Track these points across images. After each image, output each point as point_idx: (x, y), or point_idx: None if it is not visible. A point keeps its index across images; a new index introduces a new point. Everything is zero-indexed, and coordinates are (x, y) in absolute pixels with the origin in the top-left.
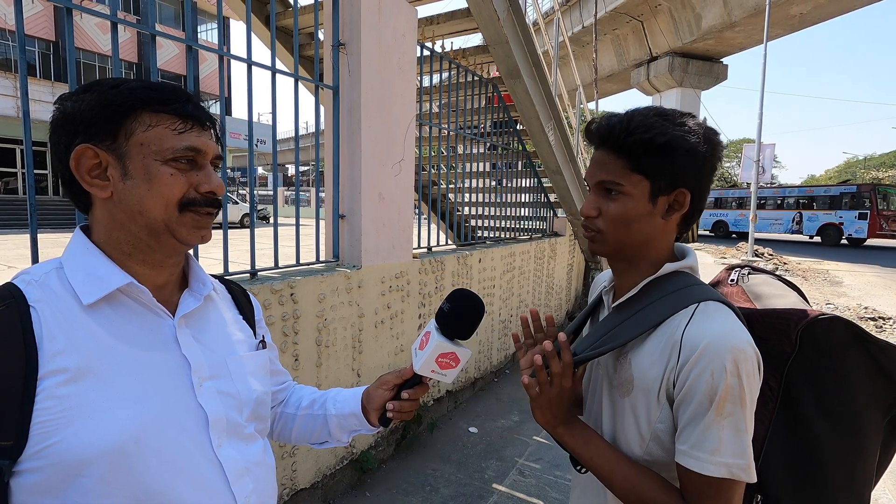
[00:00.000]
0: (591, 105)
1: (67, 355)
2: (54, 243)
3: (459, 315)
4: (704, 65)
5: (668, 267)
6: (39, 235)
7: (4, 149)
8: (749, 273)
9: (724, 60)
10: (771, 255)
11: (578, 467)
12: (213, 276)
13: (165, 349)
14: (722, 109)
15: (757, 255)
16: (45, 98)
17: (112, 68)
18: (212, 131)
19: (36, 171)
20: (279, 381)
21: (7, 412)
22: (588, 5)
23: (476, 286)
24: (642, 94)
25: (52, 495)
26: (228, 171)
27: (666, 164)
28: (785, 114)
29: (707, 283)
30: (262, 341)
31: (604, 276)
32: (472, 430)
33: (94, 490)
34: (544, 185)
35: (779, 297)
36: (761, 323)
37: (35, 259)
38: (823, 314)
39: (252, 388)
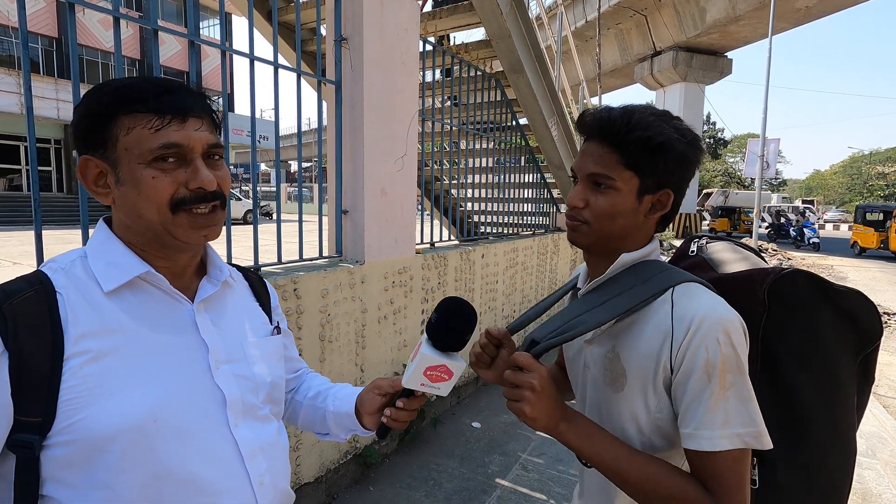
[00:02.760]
0: (595, 100)
1: (90, 338)
2: (58, 240)
3: (447, 326)
4: (709, 59)
5: (632, 256)
6: (44, 232)
7: (8, 146)
8: (707, 242)
9: (729, 55)
10: (775, 250)
11: (584, 461)
12: (230, 264)
13: (184, 333)
14: (726, 104)
15: (761, 251)
16: (48, 95)
17: (115, 65)
18: (202, 119)
19: (40, 168)
20: (293, 369)
21: (36, 391)
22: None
23: (479, 281)
24: (646, 88)
25: (78, 469)
26: (231, 167)
27: (658, 163)
28: (790, 108)
29: (672, 256)
30: (277, 327)
31: (577, 272)
32: (476, 425)
33: (117, 465)
34: (547, 180)
35: (740, 261)
36: (729, 288)
37: (39, 255)
38: (783, 269)
39: (267, 371)
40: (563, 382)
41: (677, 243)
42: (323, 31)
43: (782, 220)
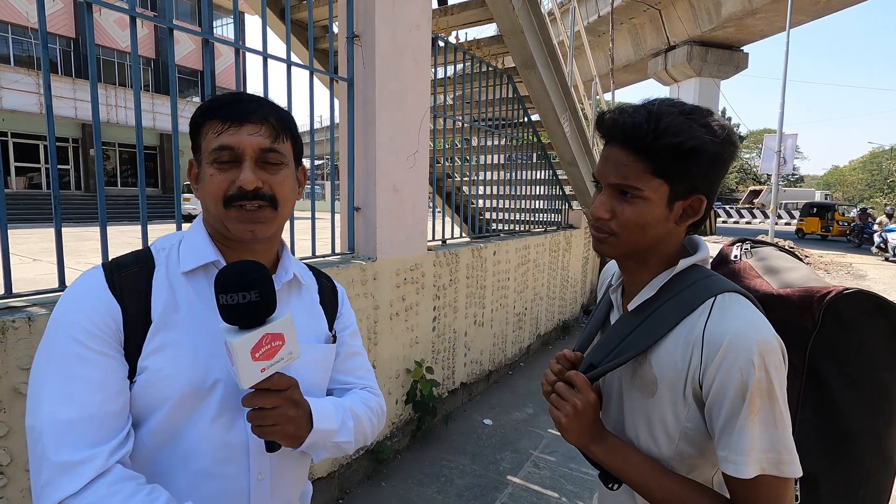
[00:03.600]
0: (608, 96)
1: (165, 310)
2: (77, 237)
3: (233, 301)
4: (724, 53)
5: (684, 263)
6: (63, 229)
7: (28, 144)
8: (751, 247)
9: (745, 48)
10: (792, 247)
11: (610, 484)
12: (308, 266)
13: None
14: (742, 99)
15: (778, 249)
16: (66, 94)
17: (131, 64)
18: (261, 126)
19: (58, 167)
20: (343, 382)
21: (130, 348)
22: None
23: (490, 278)
24: (659, 84)
25: (137, 413)
26: None
27: (690, 168)
28: (807, 103)
29: (712, 260)
30: (334, 337)
31: (609, 271)
32: (487, 422)
33: (158, 422)
34: (559, 176)
35: (792, 270)
36: (779, 305)
37: (59, 251)
38: (848, 289)
39: (304, 375)
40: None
41: None
42: (335, 29)
43: (869, 220)
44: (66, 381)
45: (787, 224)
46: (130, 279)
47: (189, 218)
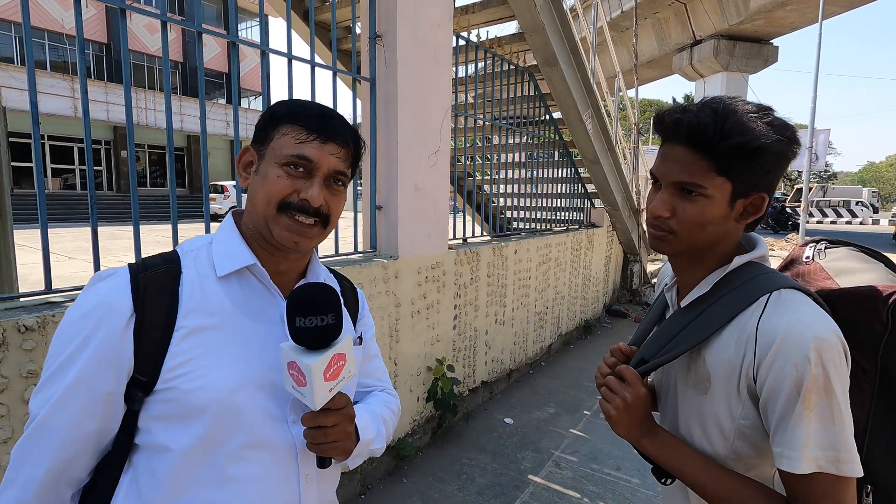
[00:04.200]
0: (631, 92)
1: (196, 314)
2: (109, 235)
3: (307, 323)
4: (752, 47)
5: (739, 259)
6: (103, 229)
7: (63, 147)
8: (826, 247)
9: (775, 41)
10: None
11: (663, 479)
12: (329, 268)
13: (273, 324)
14: (771, 93)
15: (857, 250)
16: (99, 98)
17: (160, 67)
18: (342, 149)
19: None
20: (364, 384)
21: (150, 353)
22: None
23: (511, 277)
24: (685, 79)
25: (168, 425)
26: None
27: (754, 167)
28: (841, 96)
29: (781, 262)
30: (360, 338)
31: (666, 272)
32: (508, 420)
33: (204, 433)
34: (581, 175)
35: (865, 272)
36: (846, 304)
37: (95, 250)
38: None
39: None
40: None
41: None
42: (357, 30)
43: None
44: (62, 414)
45: (847, 223)
46: (156, 280)
47: (215, 217)
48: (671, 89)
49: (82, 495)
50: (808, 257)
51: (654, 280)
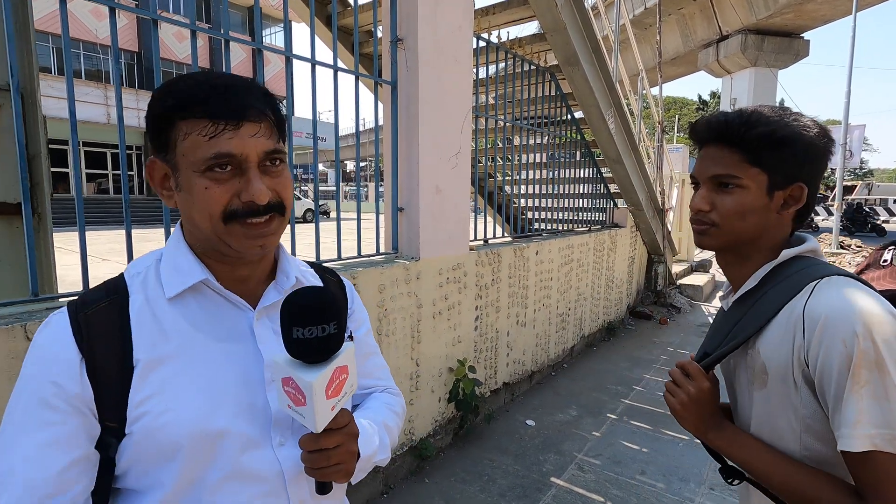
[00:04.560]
0: (655, 90)
1: (152, 345)
2: (140, 238)
3: (305, 336)
4: (782, 41)
5: (787, 253)
6: (134, 232)
7: (96, 153)
8: None
9: (805, 35)
10: (859, 247)
11: (730, 480)
12: (311, 264)
13: (241, 341)
14: (803, 89)
15: (842, 248)
16: (129, 105)
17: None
18: (260, 124)
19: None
20: (363, 385)
21: (111, 396)
22: None
23: (533, 278)
24: (711, 76)
25: (146, 466)
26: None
27: (786, 157)
28: (877, 90)
29: (857, 266)
30: (351, 336)
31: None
32: (530, 422)
33: (181, 470)
34: (604, 174)
35: None
36: None
37: (129, 252)
38: None
39: None
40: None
41: None
42: (379, 34)
43: None
44: (21, 460)
45: (885, 222)
46: (100, 317)
47: None
48: (696, 86)
49: None
50: (885, 260)
51: (680, 281)
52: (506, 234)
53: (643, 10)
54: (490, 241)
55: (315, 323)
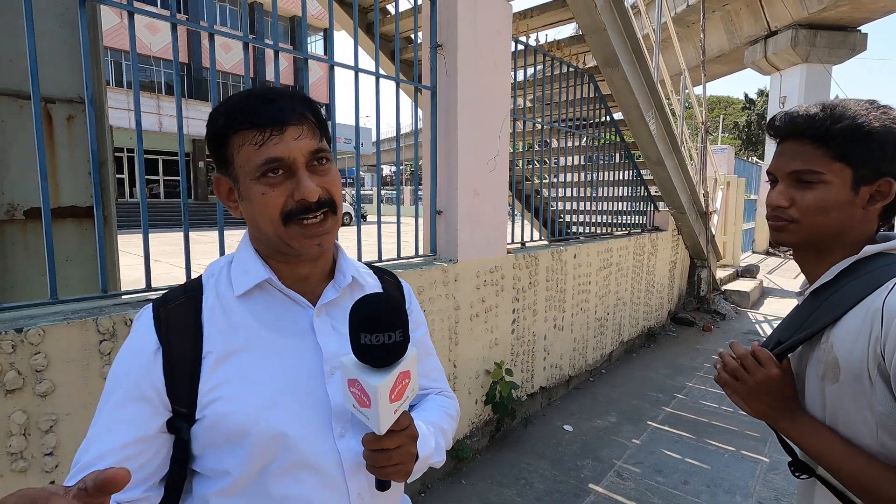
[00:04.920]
0: (698, 89)
1: (221, 338)
2: (191, 240)
3: (372, 342)
4: (836, 35)
5: (869, 249)
6: (177, 233)
7: (148, 159)
8: None
9: (863, 28)
10: None
11: (797, 474)
12: (370, 266)
13: (302, 336)
14: (859, 85)
15: None
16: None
17: (243, 84)
18: (302, 126)
19: (172, 178)
20: (420, 386)
21: (183, 384)
22: None
23: (570, 282)
24: (758, 73)
25: (217, 450)
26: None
27: (874, 151)
28: None
29: None
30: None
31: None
32: (567, 427)
33: (248, 457)
34: (644, 177)
35: None
36: None
37: (187, 252)
38: None
39: None
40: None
41: None
42: (418, 40)
43: None
44: (101, 431)
45: None
46: (178, 312)
47: None
48: (742, 85)
49: None
50: None
51: (724, 287)
52: (542, 238)
53: (685, 7)
54: (527, 244)
55: (382, 330)
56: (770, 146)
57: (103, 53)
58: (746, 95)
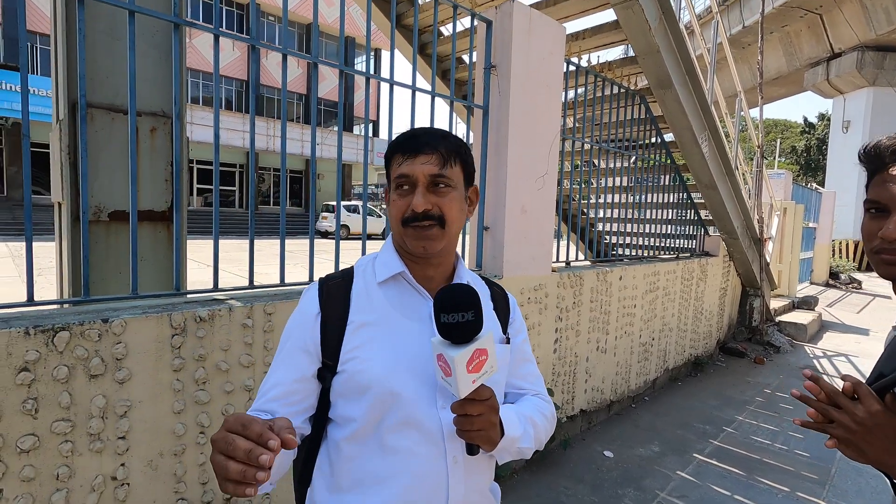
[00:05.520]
0: (754, 112)
1: (362, 313)
2: (239, 247)
3: (454, 318)
4: None
5: None
6: (228, 241)
7: (205, 170)
8: None
9: None
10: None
11: None
12: (483, 277)
13: (422, 322)
14: None
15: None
16: (237, 128)
17: (296, 100)
18: (432, 155)
19: (226, 188)
20: (517, 387)
21: (331, 343)
22: (750, 3)
23: (615, 304)
24: (819, 96)
25: (344, 401)
26: (373, 187)
27: None
28: None
29: None
30: (508, 340)
31: None
32: (608, 454)
33: (366, 408)
34: (694, 200)
35: None
36: None
37: (251, 259)
38: None
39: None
40: None
41: (859, 276)
42: (472, 59)
43: None
44: (276, 368)
45: None
46: (335, 288)
47: (325, 234)
48: (801, 108)
49: (304, 461)
50: None
51: (779, 318)
52: (586, 259)
53: (741, 28)
54: (572, 264)
55: (457, 310)
56: (834, 173)
57: (185, 73)
58: (806, 119)
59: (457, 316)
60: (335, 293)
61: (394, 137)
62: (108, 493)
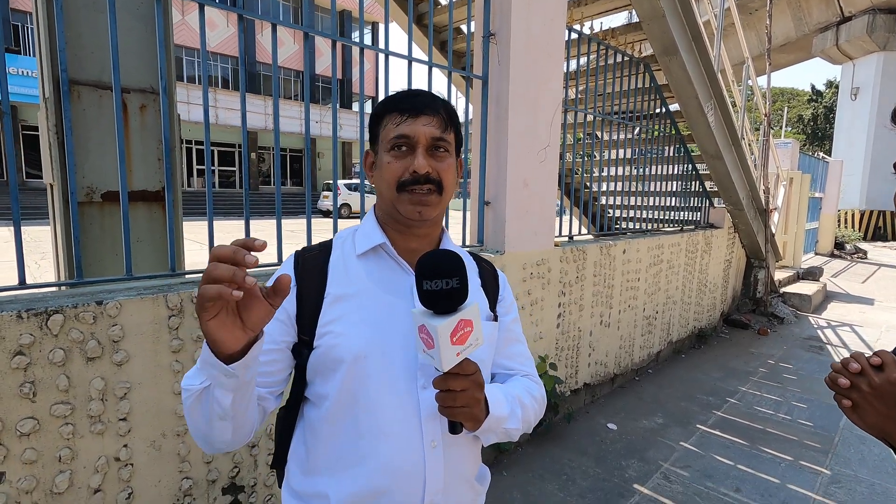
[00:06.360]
0: (762, 80)
1: (339, 285)
2: (239, 228)
3: (436, 287)
4: None
5: None
6: (228, 222)
7: (201, 149)
8: None
9: None
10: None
11: None
12: (469, 251)
13: (402, 296)
14: None
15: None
16: (234, 107)
17: (293, 77)
18: (434, 118)
19: (225, 168)
20: (506, 367)
21: (308, 317)
22: None
23: (619, 278)
24: (828, 62)
25: (320, 378)
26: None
27: None
28: None
29: None
30: (495, 318)
31: None
32: (611, 426)
33: (340, 382)
34: (699, 171)
35: None
36: None
37: (247, 236)
38: None
39: (477, 352)
40: None
41: (865, 246)
42: (470, 29)
43: None
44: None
45: None
46: (312, 260)
47: (327, 213)
48: (809, 75)
49: (278, 442)
50: None
51: (783, 289)
52: (585, 231)
53: None
54: (575, 238)
55: (440, 277)
56: (842, 141)
57: (171, 46)
58: (813, 87)
59: (440, 283)
60: (311, 265)
61: (384, 100)
62: (112, 473)
